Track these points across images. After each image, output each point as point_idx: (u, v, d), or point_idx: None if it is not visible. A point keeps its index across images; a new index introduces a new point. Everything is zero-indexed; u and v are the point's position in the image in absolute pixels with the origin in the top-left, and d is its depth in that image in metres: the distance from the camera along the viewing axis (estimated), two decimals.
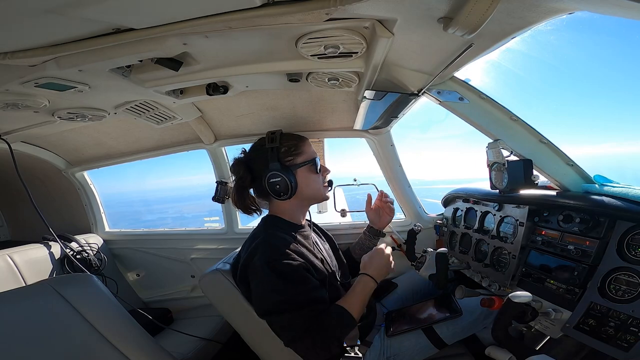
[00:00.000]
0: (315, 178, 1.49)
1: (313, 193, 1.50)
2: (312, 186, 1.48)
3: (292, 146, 1.46)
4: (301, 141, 1.50)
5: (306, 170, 1.46)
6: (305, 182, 1.45)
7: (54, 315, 1.09)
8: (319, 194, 1.53)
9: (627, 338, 0.92)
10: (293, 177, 1.41)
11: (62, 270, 2.11)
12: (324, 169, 1.56)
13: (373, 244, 1.80)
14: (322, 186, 1.53)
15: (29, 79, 1.10)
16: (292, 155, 1.45)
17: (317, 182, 1.50)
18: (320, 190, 1.53)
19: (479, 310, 1.40)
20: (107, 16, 0.78)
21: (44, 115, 1.53)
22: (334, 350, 1.21)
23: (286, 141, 1.47)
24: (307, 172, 1.46)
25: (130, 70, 1.18)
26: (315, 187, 1.50)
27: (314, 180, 1.49)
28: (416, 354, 1.40)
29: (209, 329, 2.04)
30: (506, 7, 0.71)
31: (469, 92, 1.26)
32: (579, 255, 1.12)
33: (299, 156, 1.46)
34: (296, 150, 1.46)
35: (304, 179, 1.45)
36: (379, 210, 1.83)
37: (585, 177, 1.29)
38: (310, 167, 1.47)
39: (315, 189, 1.50)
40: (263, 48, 1.08)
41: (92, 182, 2.60)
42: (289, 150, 1.45)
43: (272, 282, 1.20)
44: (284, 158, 1.44)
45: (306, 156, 1.47)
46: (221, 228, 2.45)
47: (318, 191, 1.52)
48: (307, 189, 1.46)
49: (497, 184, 1.39)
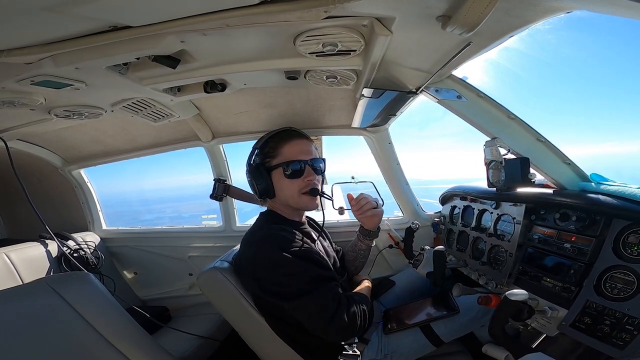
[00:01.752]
0: (287, 183, 1.41)
1: (286, 199, 1.44)
2: (284, 191, 1.43)
3: (271, 147, 1.43)
4: (283, 141, 1.43)
5: (278, 174, 1.42)
6: (278, 186, 1.42)
7: (51, 313, 1.09)
8: (292, 201, 1.44)
9: (623, 336, 0.92)
10: (267, 179, 1.40)
11: (59, 268, 2.10)
12: (307, 174, 1.42)
13: (366, 245, 1.72)
14: (296, 193, 1.42)
15: (25, 76, 1.09)
16: (269, 157, 1.43)
17: (288, 188, 1.41)
18: (293, 198, 1.43)
19: (477, 308, 1.40)
20: (104, 14, 0.78)
21: (41, 113, 1.53)
22: (364, 324, 1.26)
23: (271, 141, 1.45)
24: (279, 176, 1.42)
25: (128, 67, 1.17)
26: (287, 193, 1.42)
27: (285, 186, 1.41)
28: (414, 352, 1.41)
29: (207, 327, 2.04)
30: (504, 6, 0.71)
31: (467, 91, 1.26)
32: (575, 253, 1.12)
33: (274, 158, 1.42)
34: (273, 151, 1.42)
35: (277, 183, 1.42)
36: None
37: (582, 176, 1.29)
38: (282, 170, 1.40)
39: (287, 195, 1.43)
40: (261, 46, 1.08)
41: (89, 180, 2.59)
42: (268, 151, 1.43)
43: (293, 264, 1.22)
44: (264, 158, 1.43)
45: (280, 158, 1.41)
46: (219, 226, 2.45)
47: (291, 198, 1.43)
48: (280, 193, 1.43)
49: (494, 182, 1.39)
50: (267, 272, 1.25)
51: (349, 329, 1.21)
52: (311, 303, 1.21)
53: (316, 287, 1.22)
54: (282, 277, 1.23)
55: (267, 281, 1.25)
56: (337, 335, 1.23)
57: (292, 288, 1.22)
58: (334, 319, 1.19)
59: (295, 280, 1.22)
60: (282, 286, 1.23)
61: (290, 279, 1.22)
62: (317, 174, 1.47)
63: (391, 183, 2.16)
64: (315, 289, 1.21)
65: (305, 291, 1.21)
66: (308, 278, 1.22)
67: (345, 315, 1.20)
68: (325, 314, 1.19)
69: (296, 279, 1.22)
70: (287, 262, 1.22)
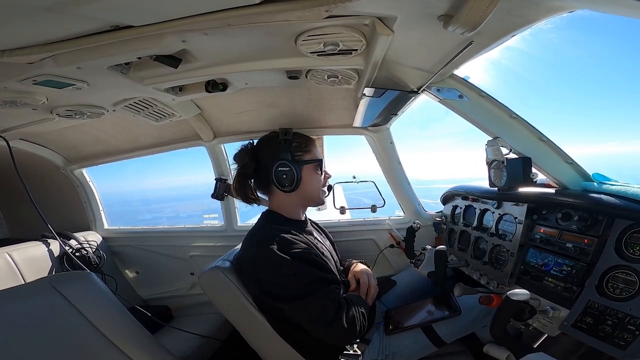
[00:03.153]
0: (318, 178, 1.53)
1: (312, 192, 1.53)
2: (313, 185, 1.52)
3: (302, 143, 1.52)
4: (310, 140, 1.56)
5: (311, 169, 1.50)
6: (309, 179, 1.49)
7: (53, 313, 1.09)
8: (317, 194, 1.56)
9: (624, 336, 0.92)
10: (300, 171, 1.45)
11: (61, 268, 2.10)
12: (327, 173, 1.61)
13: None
14: (321, 187, 1.57)
15: (27, 76, 1.09)
16: (302, 152, 1.50)
17: (319, 182, 1.54)
18: (319, 191, 1.56)
19: (478, 308, 1.40)
20: (105, 14, 0.78)
21: (42, 113, 1.53)
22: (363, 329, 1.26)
23: (298, 138, 1.52)
24: (311, 171, 1.50)
25: (129, 67, 1.17)
26: (316, 186, 1.54)
27: (317, 180, 1.53)
28: (415, 352, 1.41)
29: (208, 327, 2.04)
30: (507, 5, 0.70)
31: (469, 90, 1.26)
32: (577, 253, 1.12)
33: (307, 153, 1.51)
34: (306, 147, 1.51)
35: (307, 176, 1.49)
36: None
37: (584, 175, 1.29)
38: (316, 166, 1.52)
39: (315, 189, 1.54)
40: (262, 45, 1.08)
41: (91, 179, 2.60)
42: (300, 146, 1.50)
43: (293, 265, 1.23)
44: (294, 152, 1.48)
45: (313, 155, 1.52)
46: (220, 225, 2.46)
47: (317, 191, 1.55)
48: (309, 187, 1.50)
49: (496, 181, 1.39)
50: (267, 273, 1.25)
51: (348, 333, 1.22)
52: (311, 306, 1.21)
53: (316, 289, 1.22)
54: (282, 278, 1.23)
55: (267, 282, 1.25)
56: (337, 339, 1.25)
57: (292, 290, 1.22)
58: (334, 322, 1.19)
59: (295, 282, 1.22)
60: (281, 288, 1.24)
61: (289, 281, 1.22)
62: None
63: (392, 183, 2.15)
64: (316, 291, 1.22)
65: (305, 293, 1.21)
66: (308, 280, 1.23)
67: (344, 319, 1.20)
68: (324, 317, 1.20)
69: (296, 280, 1.22)
70: (287, 264, 1.22)
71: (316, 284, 1.23)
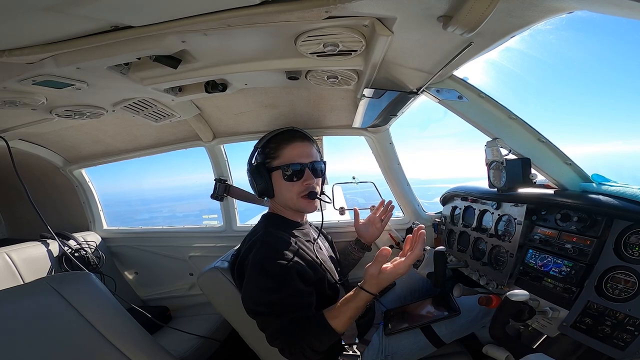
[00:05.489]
0: (286, 185, 1.42)
1: (284, 201, 1.46)
2: (283, 193, 1.45)
3: (272, 148, 1.45)
4: (284, 143, 1.44)
5: (278, 176, 1.43)
6: (277, 187, 1.44)
7: (51, 313, 1.09)
8: (291, 203, 1.45)
9: (624, 337, 0.92)
10: (267, 179, 1.42)
11: (60, 268, 2.10)
12: (306, 177, 1.43)
13: (359, 257, 1.84)
14: (295, 196, 1.43)
15: (26, 76, 1.09)
16: (270, 158, 1.44)
17: (288, 190, 1.43)
18: (292, 200, 1.44)
19: (477, 309, 1.40)
20: (105, 14, 0.78)
21: (42, 113, 1.53)
22: (312, 357, 1.17)
23: (272, 142, 1.46)
24: (278, 178, 1.43)
25: (129, 67, 1.18)
26: (286, 195, 1.44)
27: (285, 188, 1.43)
28: (414, 353, 1.41)
29: (207, 327, 2.04)
30: (506, 6, 0.70)
31: (468, 91, 1.26)
32: (576, 254, 1.12)
33: (274, 159, 1.43)
34: (274, 152, 1.44)
35: (276, 184, 1.44)
36: (369, 224, 1.83)
37: (583, 176, 1.29)
38: (282, 173, 1.41)
39: (286, 198, 1.44)
40: (262, 46, 1.08)
41: (90, 179, 2.59)
42: (269, 152, 1.45)
43: (259, 282, 1.21)
44: (265, 159, 1.45)
45: (280, 161, 1.42)
46: (219, 226, 2.45)
47: (290, 200, 1.44)
48: (279, 195, 1.45)
49: (495, 182, 1.39)
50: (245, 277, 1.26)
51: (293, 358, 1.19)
52: (259, 323, 1.23)
53: (274, 312, 1.18)
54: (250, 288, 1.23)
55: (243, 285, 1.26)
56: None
57: (252, 302, 1.22)
58: (275, 343, 1.20)
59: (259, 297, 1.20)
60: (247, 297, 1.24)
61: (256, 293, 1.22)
62: (316, 177, 1.47)
63: (392, 183, 2.15)
64: (268, 314, 1.19)
65: (259, 312, 1.21)
66: (274, 298, 1.18)
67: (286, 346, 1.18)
68: (267, 334, 1.21)
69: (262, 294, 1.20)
70: (260, 278, 1.21)
71: (270, 306, 1.18)
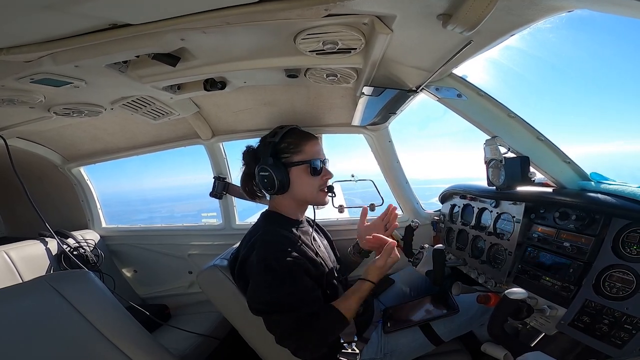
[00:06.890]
0: (309, 180, 1.45)
1: (304, 195, 1.48)
2: (304, 188, 1.46)
3: (292, 144, 1.45)
4: (304, 140, 1.48)
5: (300, 171, 1.44)
6: (298, 182, 1.44)
7: (50, 312, 1.09)
8: (311, 197, 1.49)
9: (621, 335, 0.93)
10: (285, 174, 1.41)
11: (59, 266, 2.10)
12: (325, 172, 1.51)
13: (356, 261, 1.77)
14: (316, 190, 1.48)
15: (24, 74, 1.09)
16: (289, 153, 1.44)
17: (310, 184, 1.46)
18: (312, 194, 1.48)
19: (476, 307, 1.41)
20: (103, 12, 0.77)
21: (40, 111, 1.52)
22: (323, 350, 1.22)
23: (289, 138, 1.47)
24: (300, 173, 1.44)
25: (127, 65, 1.17)
26: (307, 189, 1.47)
27: (307, 182, 1.45)
28: (413, 351, 1.42)
29: (206, 325, 2.04)
30: (506, 5, 0.70)
31: (467, 89, 1.26)
32: (575, 252, 1.12)
33: (296, 155, 1.45)
34: (295, 148, 1.45)
35: (296, 179, 1.44)
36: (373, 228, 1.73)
37: (582, 175, 1.29)
38: (305, 168, 1.44)
39: (307, 192, 1.47)
40: (261, 44, 1.07)
41: (88, 177, 2.59)
42: (288, 147, 1.45)
43: (266, 280, 1.22)
44: (281, 154, 1.44)
45: (304, 156, 1.45)
46: (219, 224, 2.45)
47: (310, 194, 1.48)
48: (298, 189, 1.45)
49: (494, 180, 1.39)
50: (249, 277, 1.27)
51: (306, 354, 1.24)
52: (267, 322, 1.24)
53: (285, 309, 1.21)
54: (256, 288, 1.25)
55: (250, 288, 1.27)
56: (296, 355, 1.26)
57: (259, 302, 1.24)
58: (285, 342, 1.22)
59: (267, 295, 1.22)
60: (253, 296, 1.25)
61: (262, 292, 1.23)
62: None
63: (391, 181, 2.15)
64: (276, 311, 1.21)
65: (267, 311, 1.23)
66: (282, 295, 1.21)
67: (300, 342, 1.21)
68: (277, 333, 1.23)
69: (270, 291, 1.22)
70: (265, 277, 1.22)
71: (277, 305, 1.21)
